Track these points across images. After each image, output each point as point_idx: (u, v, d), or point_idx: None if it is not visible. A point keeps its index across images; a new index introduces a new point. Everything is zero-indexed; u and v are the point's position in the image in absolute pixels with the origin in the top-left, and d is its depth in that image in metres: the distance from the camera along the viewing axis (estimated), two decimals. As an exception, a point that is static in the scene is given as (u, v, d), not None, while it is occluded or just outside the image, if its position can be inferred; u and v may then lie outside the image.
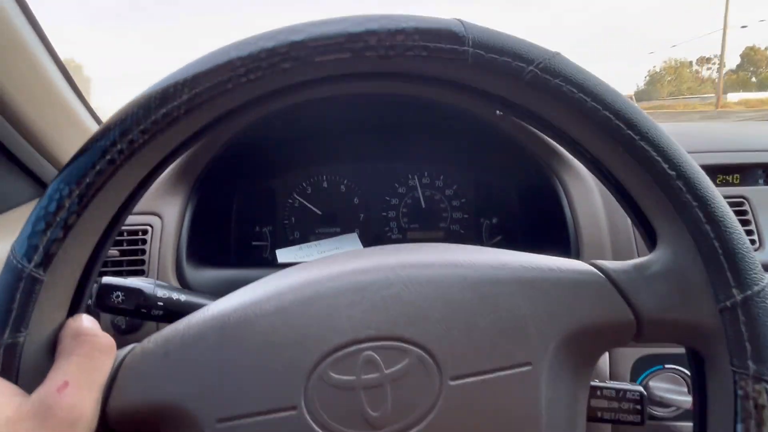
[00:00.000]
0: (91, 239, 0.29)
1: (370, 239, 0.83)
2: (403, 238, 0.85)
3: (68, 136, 0.71)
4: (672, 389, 0.60)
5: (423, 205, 0.85)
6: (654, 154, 0.29)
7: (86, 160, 0.27)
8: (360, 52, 0.28)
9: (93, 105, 0.77)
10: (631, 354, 0.61)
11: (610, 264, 0.32)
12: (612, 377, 0.62)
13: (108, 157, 0.27)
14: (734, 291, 0.28)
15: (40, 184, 0.72)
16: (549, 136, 0.33)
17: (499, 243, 0.83)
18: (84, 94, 0.76)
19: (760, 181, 0.67)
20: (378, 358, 0.28)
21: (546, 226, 0.71)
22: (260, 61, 0.27)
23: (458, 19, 0.29)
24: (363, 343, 0.28)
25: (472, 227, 0.85)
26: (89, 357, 0.27)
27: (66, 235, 0.27)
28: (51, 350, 0.28)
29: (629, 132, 0.29)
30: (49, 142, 0.67)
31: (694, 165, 0.29)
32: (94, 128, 0.78)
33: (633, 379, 0.62)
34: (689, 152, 0.64)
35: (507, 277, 0.30)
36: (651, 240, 0.32)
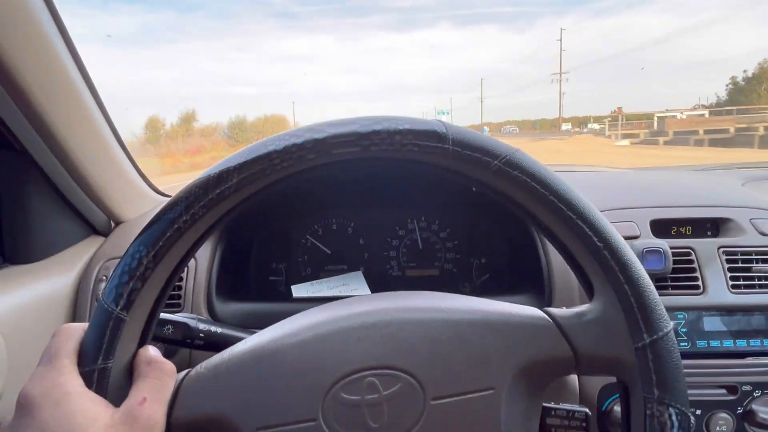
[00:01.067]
0: (158, 287, 0.37)
1: (374, 275, 0.90)
2: (403, 276, 0.92)
3: (117, 187, 0.81)
4: None
5: (420, 246, 0.92)
6: (587, 230, 0.36)
7: (159, 228, 0.35)
8: (367, 147, 0.36)
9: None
10: (597, 382, 0.69)
11: (558, 311, 0.39)
12: (582, 400, 0.69)
13: (176, 226, 0.35)
14: (644, 335, 0.35)
15: (90, 226, 0.82)
16: (515, 210, 0.39)
17: (487, 281, 0.90)
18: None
19: (708, 233, 0.76)
20: (378, 382, 0.35)
21: (526, 269, 0.79)
22: (291, 154, 0.35)
23: (441, 121, 0.37)
24: (366, 371, 0.35)
25: (464, 266, 0.92)
26: (159, 379, 0.35)
27: (143, 285, 0.35)
28: (129, 372, 0.36)
29: (569, 213, 0.36)
30: (100, 190, 0.77)
31: (617, 237, 0.37)
32: (135, 177, 0.87)
33: (600, 404, 0.69)
34: (653, 207, 0.73)
35: (479, 320, 0.38)
36: (590, 293, 0.39)
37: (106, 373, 0.34)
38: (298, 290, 0.82)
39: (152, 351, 0.37)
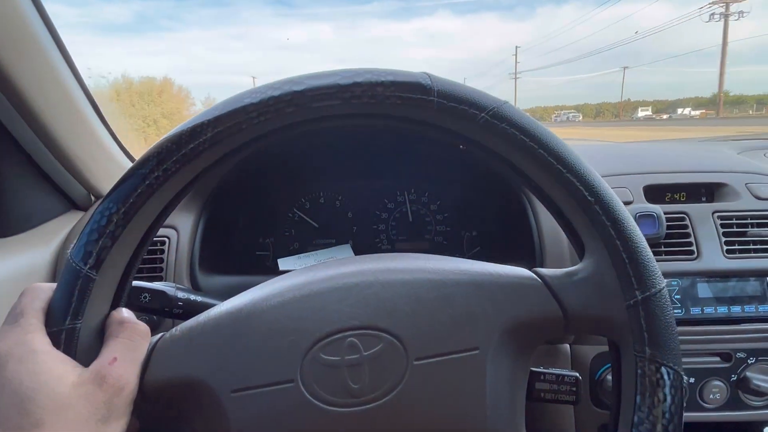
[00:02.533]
0: (131, 247, 0.36)
1: (362, 250, 0.89)
2: (392, 249, 0.90)
3: (96, 160, 0.79)
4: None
5: (410, 219, 0.91)
6: (578, 184, 0.35)
7: (130, 184, 0.33)
8: (348, 100, 0.34)
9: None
10: (589, 351, 0.68)
11: (547, 271, 0.38)
12: (574, 370, 0.68)
13: (147, 181, 0.33)
14: (637, 292, 0.34)
15: (69, 201, 0.80)
16: (502, 167, 0.38)
17: (478, 253, 0.89)
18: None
19: (703, 198, 0.75)
20: (359, 343, 0.34)
21: (517, 239, 0.78)
22: (269, 107, 0.33)
23: (426, 74, 0.35)
24: (347, 331, 0.34)
25: (454, 239, 0.90)
26: (131, 339, 0.34)
27: (114, 243, 0.34)
28: (100, 333, 0.35)
29: (559, 167, 0.35)
30: (79, 163, 0.75)
31: (609, 192, 0.36)
32: (116, 151, 0.85)
33: (593, 373, 0.69)
34: (646, 173, 0.72)
35: (464, 280, 0.36)
36: (580, 251, 0.38)
37: (74, 333, 0.33)
38: (285, 263, 0.81)
39: (125, 312, 0.36)
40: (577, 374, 0.42)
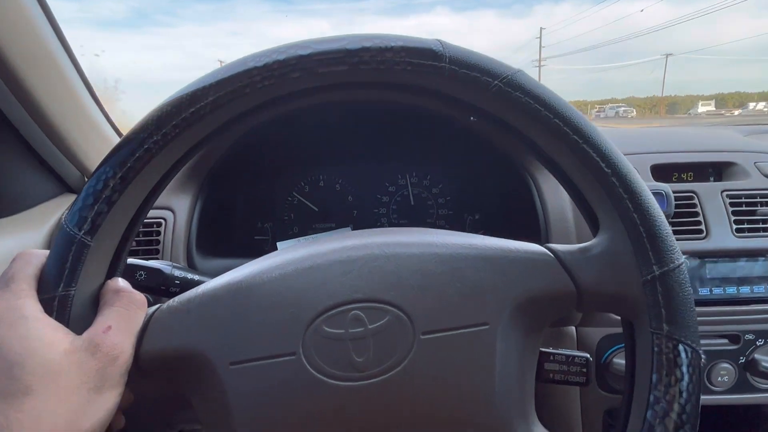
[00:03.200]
0: (128, 214, 0.34)
1: None
2: None
3: (90, 142, 0.77)
4: None
5: (412, 203, 0.90)
6: (594, 155, 0.34)
7: (128, 148, 0.32)
8: (356, 66, 0.33)
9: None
10: (595, 333, 0.67)
11: (560, 247, 0.37)
12: (579, 344, 0.67)
13: (146, 146, 0.32)
14: (654, 267, 0.33)
15: (63, 183, 0.78)
16: (513, 138, 0.37)
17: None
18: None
19: (711, 178, 0.74)
20: (363, 316, 0.33)
21: (521, 220, 0.76)
22: (273, 71, 0.32)
23: (438, 40, 0.34)
24: (352, 303, 0.33)
25: (457, 222, 0.89)
26: (127, 308, 0.33)
27: (110, 209, 0.32)
28: (95, 302, 0.34)
29: (575, 137, 0.34)
30: (73, 145, 0.74)
31: (626, 164, 0.34)
32: (111, 134, 0.84)
33: (599, 356, 0.67)
34: (653, 152, 0.71)
35: (473, 254, 0.35)
36: (594, 226, 0.37)
37: (67, 300, 0.32)
38: (284, 246, 0.79)
39: (122, 282, 0.35)
40: (588, 355, 0.41)
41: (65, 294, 0.32)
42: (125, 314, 0.33)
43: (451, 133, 0.80)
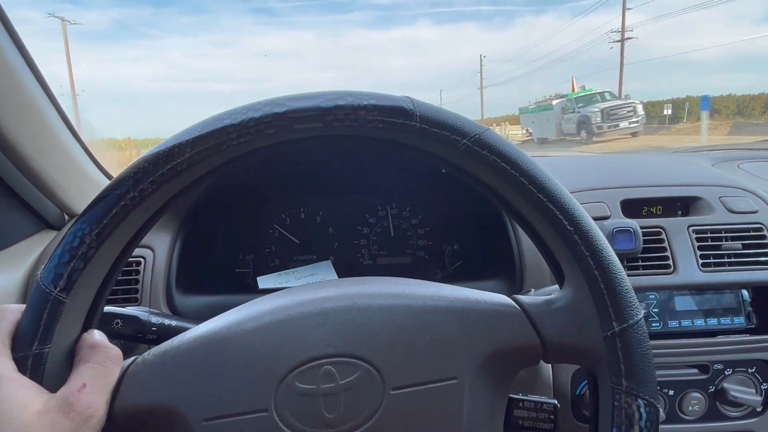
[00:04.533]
0: (104, 268, 0.35)
1: (344, 265, 0.88)
2: (374, 264, 0.90)
3: (69, 178, 0.77)
4: (745, 390, 0.67)
5: (392, 234, 0.90)
6: (557, 213, 0.35)
7: (105, 205, 0.33)
8: (330, 123, 0.34)
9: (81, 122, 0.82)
10: (570, 366, 0.68)
11: (526, 299, 0.38)
12: (555, 388, 0.68)
13: (123, 203, 0.32)
14: (614, 323, 0.34)
15: (42, 220, 0.77)
16: (483, 192, 0.38)
17: (460, 267, 0.89)
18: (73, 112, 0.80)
19: (679, 212, 0.76)
20: (335, 371, 0.33)
21: (498, 254, 0.78)
22: (249, 128, 0.33)
23: (409, 98, 0.35)
24: (324, 359, 0.34)
25: (436, 253, 0.90)
26: (102, 364, 0.33)
27: (86, 265, 0.32)
28: (70, 358, 0.33)
29: (539, 195, 0.35)
30: (51, 183, 0.73)
31: (588, 221, 0.36)
32: (90, 169, 0.83)
33: (573, 387, 0.69)
34: (623, 187, 0.73)
35: (443, 307, 0.36)
36: (560, 279, 0.38)
37: (41, 358, 0.32)
38: (265, 281, 0.80)
39: (97, 335, 0.35)
40: (556, 402, 0.42)
41: (39, 352, 0.32)
42: (100, 370, 0.33)
43: (428, 169, 0.81)
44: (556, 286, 0.43)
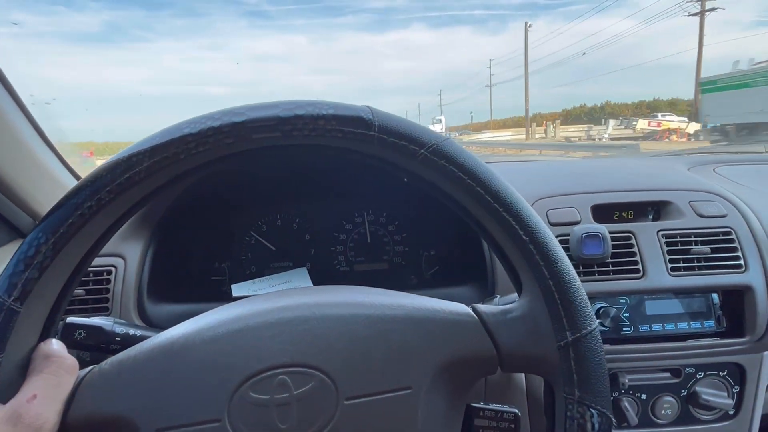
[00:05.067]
0: (61, 278, 0.34)
1: (321, 272, 0.88)
2: (351, 271, 0.90)
3: (40, 186, 0.76)
4: (717, 394, 0.68)
5: (368, 240, 0.90)
6: (513, 223, 0.35)
7: (61, 214, 0.33)
8: (289, 132, 0.34)
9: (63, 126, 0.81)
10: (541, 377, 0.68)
11: (485, 308, 0.38)
12: (528, 395, 0.69)
13: (79, 212, 0.32)
14: (567, 333, 0.34)
15: (14, 229, 0.77)
16: (443, 201, 0.38)
17: (437, 272, 0.89)
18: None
19: (650, 216, 0.76)
20: (289, 381, 0.34)
21: (471, 260, 0.78)
22: (207, 137, 0.33)
23: (368, 107, 0.35)
24: (278, 368, 0.34)
25: (413, 259, 0.90)
26: (55, 374, 0.33)
27: (41, 275, 0.32)
28: (24, 368, 0.33)
29: (495, 205, 0.35)
30: (22, 192, 0.72)
31: (544, 231, 0.36)
32: (63, 177, 0.83)
33: (546, 395, 0.69)
34: (595, 192, 0.73)
35: (401, 316, 0.36)
36: (518, 288, 0.38)
37: None
38: (239, 289, 0.79)
39: (54, 345, 0.35)
40: (516, 410, 0.42)
41: None
42: (53, 381, 0.33)
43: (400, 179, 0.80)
44: None
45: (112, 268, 0.69)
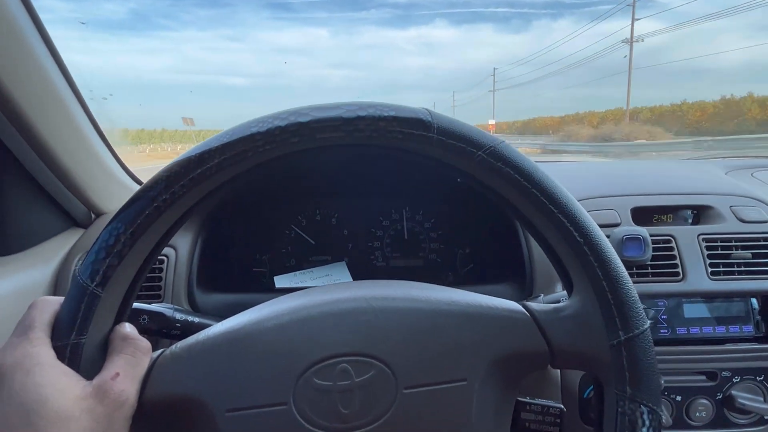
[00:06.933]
0: (136, 265, 0.37)
1: (358, 266, 0.89)
2: (387, 266, 0.92)
3: (96, 178, 0.80)
4: (753, 398, 0.68)
5: (405, 236, 0.92)
6: (568, 224, 0.36)
7: (139, 206, 0.35)
8: (351, 133, 0.35)
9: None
10: (577, 371, 0.69)
11: (536, 306, 0.39)
12: (563, 390, 0.70)
13: (155, 204, 0.34)
14: (620, 333, 0.35)
15: (70, 218, 0.81)
16: (498, 202, 0.39)
17: (471, 270, 0.90)
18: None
19: (689, 220, 0.76)
20: (350, 369, 0.35)
21: (508, 259, 0.79)
22: (274, 137, 0.35)
23: (427, 110, 0.37)
24: (340, 357, 0.35)
25: (448, 256, 0.91)
26: (133, 355, 0.35)
27: (120, 262, 0.35)
28: (104, 348, 0.36)
29: (551, 206, 0.36)
30: (78, 181, 0.76)
31: (598, 233, 0.37)
32: (118, 170, 0.86)
33: (582, 390, 0.70)
34: (634, 195, 0.73)
35: (456, 311, 0.38)
36: (569, 288, 0.39)
37: (79, 347, 0.34)
38: (281, 281, 0.82)
39: (128, 328, 0.37)
40: (562, 407, 0.43)
41: (77, 342, 0.34)
42: (131, 361, 0.35)
43: (442, 176, 0.82)
44: (564, 293, 0.44)
45: (165, 258, 0.72)
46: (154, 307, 0.54)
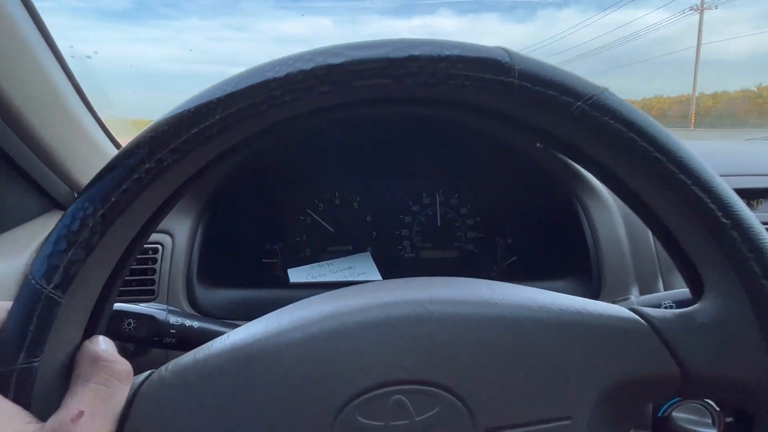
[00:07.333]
0: (111, 260, 0.28)
1: (383, 258, 0.81)
2: (417, 257, 0.83)
3: (79, 152, 0.71)
4: (698, 421, 0.59)
5: (438, 224, 0.83)
6: (708, 201, 0.28)
7: (112, 178, 0.26)
8: (400, 79, 0.27)
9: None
10: None
11: (652, 311, 0.30)
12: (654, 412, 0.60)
13: (135, 176, 0.26)
14: None
15: (50, 199, 0.72)
16: (590, 171, 0.31)
17: (514, 264, 0.81)
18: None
19: None
20: (408, 403, 0.27)
21: (563, 249, 0.69)
22: (297, 83, 0.26)
23: (504, 48, 0.28)
24: (392, 386, 0.27)
25: (487, 247, 0.83)
26: (106, 384, 0.26)
27: (88, 255, 0.26)
28: (67, 374, 0.27)
29: (682, 176, 0.28)
30: (60, 158, 0.67)
31: (750, 215, 0.28)
32: (105, 143, 0.77)
33: (656, 408, 0.60)
34: (724, 175, 0.63)
35: (546, 319, 0.29)
36: (696, 288, 0.31)
37: (29, 374, 0.26)
38: (296, 274, 0.73)
39: (102, 345, 0.28)
40: None
41: (27, 367, 0.25)
42: (103, 393, 0.26)
43: (484, 147, 0.73)
44: (673, 293, 0.37)
45: (159, 246, 0.63)
46: (143, 308, 0.46)
